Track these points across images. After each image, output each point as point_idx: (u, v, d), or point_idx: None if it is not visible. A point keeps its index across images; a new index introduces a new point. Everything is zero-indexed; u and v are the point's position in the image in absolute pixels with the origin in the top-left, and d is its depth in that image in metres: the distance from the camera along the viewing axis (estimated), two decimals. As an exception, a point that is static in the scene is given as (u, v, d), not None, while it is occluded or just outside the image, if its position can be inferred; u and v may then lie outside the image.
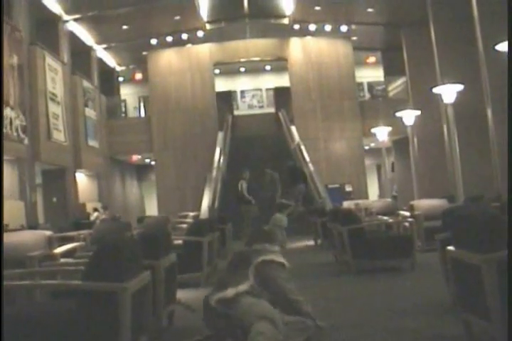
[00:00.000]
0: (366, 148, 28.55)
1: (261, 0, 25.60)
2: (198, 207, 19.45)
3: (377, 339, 4.96)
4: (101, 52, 27.37)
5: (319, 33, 27.19)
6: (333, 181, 25.09)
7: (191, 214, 18.91)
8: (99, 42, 26.23)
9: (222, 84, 30.64)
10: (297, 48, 28.00)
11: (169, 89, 27.70)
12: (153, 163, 28.87)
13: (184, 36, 27.06)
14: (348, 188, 26.13)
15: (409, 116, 19.67)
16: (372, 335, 5.04)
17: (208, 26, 27.32)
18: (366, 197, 25.68)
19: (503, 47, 12.51)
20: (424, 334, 4.96)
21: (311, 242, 15.05)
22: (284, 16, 26.98)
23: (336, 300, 6.80)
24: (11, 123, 16.66)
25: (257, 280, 4.55)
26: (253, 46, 27.94)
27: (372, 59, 31.53)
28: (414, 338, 4.92)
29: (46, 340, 3.58)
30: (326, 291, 7.50)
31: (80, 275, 3.97)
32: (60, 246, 7.83)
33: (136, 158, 30.54)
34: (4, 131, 16.00)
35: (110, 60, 29.27)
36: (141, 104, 30.83)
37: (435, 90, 15.29)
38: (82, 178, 23.85)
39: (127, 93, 31.67)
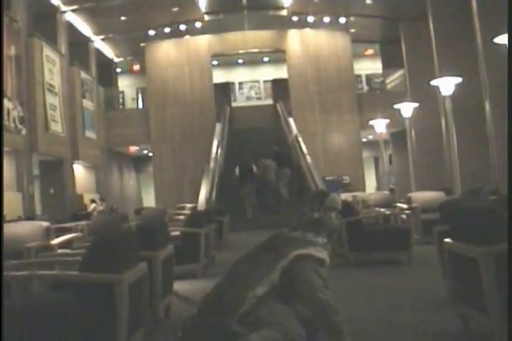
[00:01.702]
0: (364, 140, 28.57)
1: (259, -9, 25.61)
2: (195, 198, 19.43)
3: (374, 332, 4.96)
4: (99, 43, 27.33)
5: (318, 25, 27.15)
6: (330, 173, 25.07)
7: (189, 205, 18.89)
8: (97, 34, 26.16)
9: (220, 76, 30.57)
10: (295, 40, 27.94)
11: (167, 81, 27.66)
12: (150, 154, 28.83)
13: (182, 27, 27.03)
14: (346, 180, 26.12)
15: (407, 109, 19.67)
16: (369, 328, 5.04)
17: (206, 18, 27.30)
18: (364, 189, 25.69)
19: (501, 40, 12.48)
20: (421, 328, 4.96)
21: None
22: (283, 8, 26.97)
23: (332, 293, 6.80)
24: (8, 114, 16.61)
25: (284, 280, 3.56)
26: (251, 38, 27.87)
27: (370, 51, 31.48)
28: (411, 331, 4.92)
29: (43, 331, 3.58)
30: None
31: (77, 267, 3.97)
32: (57, 237, 7.84)
33: (133, 149, 30.52)
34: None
35: (108, 51, 29.21)
36: (139, 96, 30.75)
37: (433, 83, 15.27)
38: (79, 170, 23.82)
39: (125, 84, 31.62)
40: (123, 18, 24.74)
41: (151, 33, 27.00)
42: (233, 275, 3.71)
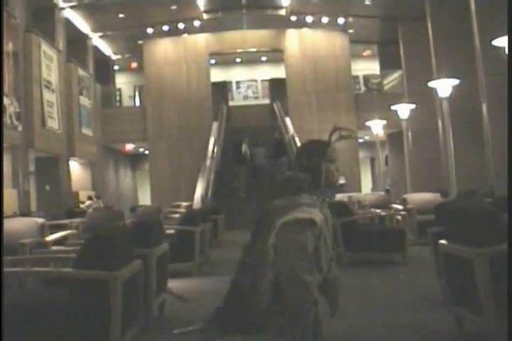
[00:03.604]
0: (360, 141, 28.55)
1: (258, -10, 25.59)
2: (191, 196, 19.44)
3: (368, 331, 4.97)
4: (97, 40, 27.24)
5: (316, 25, 27.13)
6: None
7: (184, 204, 18.89)
8: (95, 31, 26.10)
9: (217, 75, 30.52)
10: (294, 40, 27.93)
11: (164, 79, 27.62)
12: (147, 152, 28.80)
13: (180, 26, 26.97)
14: (341, 181, 26.09)
15: (404, 110, 19.67)
16: (363, 328, 5.05)
17: (204, 16, 27.23)
18: (359, 190, 25.69)
19: (500, 42, 12.49)
20: (415, 328, 4.97)
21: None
22: (281, 7, 26.91)
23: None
24: (5, 110, 16.57)
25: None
26: (249, 37, 27.85)
27: (368, 52, 31.42)
28: (405, 331, 4.93)
29: (38, 328, 3.57)
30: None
31: (72, 263, 3.96)
32: (52, 233, 7.83)
33: (130, 147, 30.47)
34: None
35: (106, 49, 29.13)
36: (136, 93, 30.69)
37: (431, 84, 15.27)
38: (75, 167, 23.79)
39: (122, 82, 31.53)
40: (121, 15, 24.69)
41: (149, 30, 26.94)
42: (245, 263, 3.19)
